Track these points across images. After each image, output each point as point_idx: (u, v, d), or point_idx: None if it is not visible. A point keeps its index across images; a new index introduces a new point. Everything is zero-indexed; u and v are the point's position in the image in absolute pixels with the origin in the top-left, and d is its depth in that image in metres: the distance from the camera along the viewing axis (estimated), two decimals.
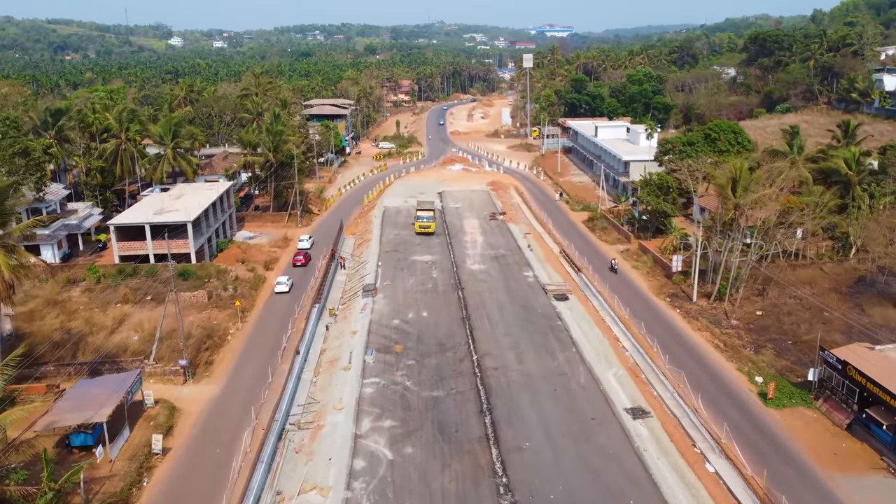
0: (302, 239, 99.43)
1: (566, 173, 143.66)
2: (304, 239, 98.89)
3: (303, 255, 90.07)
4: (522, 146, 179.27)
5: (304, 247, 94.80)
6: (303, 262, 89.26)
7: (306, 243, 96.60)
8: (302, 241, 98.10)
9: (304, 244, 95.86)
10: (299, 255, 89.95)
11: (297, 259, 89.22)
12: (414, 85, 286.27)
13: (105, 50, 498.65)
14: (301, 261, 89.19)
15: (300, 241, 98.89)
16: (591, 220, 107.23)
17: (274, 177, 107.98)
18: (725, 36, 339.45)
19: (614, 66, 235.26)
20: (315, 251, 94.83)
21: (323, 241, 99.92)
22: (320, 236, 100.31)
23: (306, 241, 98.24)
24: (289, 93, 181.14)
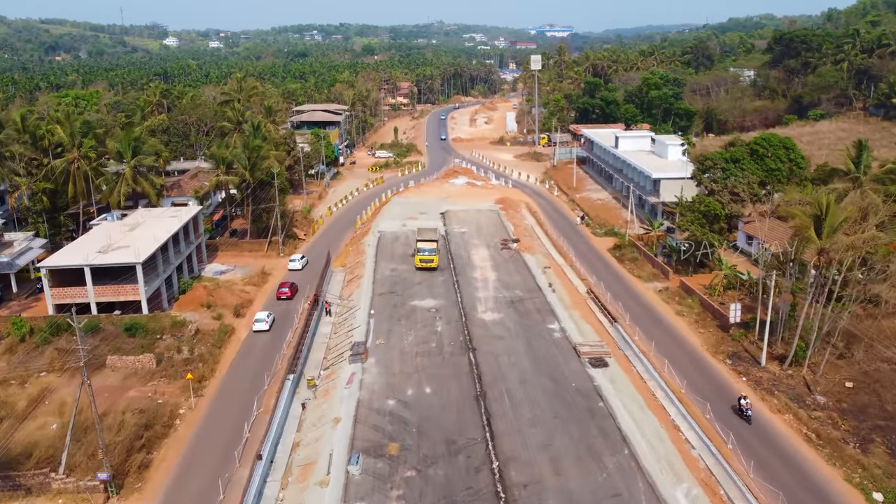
0: (293, 259, 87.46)
1: (582, 188, 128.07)
2: (296, 259, 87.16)
3: (288, 286, 77.43)
4: (531, 155, 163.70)
5: (294, 267, 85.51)
6: (288, 296, 76.46)
7: (297, 264, 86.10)
8: (293, 262, 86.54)
9: (294, 265, 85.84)
10: (284, 286, 77.38)
11: (282, 292, 76.68)
12: (413, 87, 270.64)
13: (97, 50, 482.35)
14: (286, 293, 76.55)
15: (291, 261, 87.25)
16: (617, 249, 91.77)
17: (252, 198, 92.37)
18: (736, 36, 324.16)
19: (626, 68, 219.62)
20: (306, 275, 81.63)
21: (314, 263, 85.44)
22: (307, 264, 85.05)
23: (298, 261, 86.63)
24: (277, 98, 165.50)
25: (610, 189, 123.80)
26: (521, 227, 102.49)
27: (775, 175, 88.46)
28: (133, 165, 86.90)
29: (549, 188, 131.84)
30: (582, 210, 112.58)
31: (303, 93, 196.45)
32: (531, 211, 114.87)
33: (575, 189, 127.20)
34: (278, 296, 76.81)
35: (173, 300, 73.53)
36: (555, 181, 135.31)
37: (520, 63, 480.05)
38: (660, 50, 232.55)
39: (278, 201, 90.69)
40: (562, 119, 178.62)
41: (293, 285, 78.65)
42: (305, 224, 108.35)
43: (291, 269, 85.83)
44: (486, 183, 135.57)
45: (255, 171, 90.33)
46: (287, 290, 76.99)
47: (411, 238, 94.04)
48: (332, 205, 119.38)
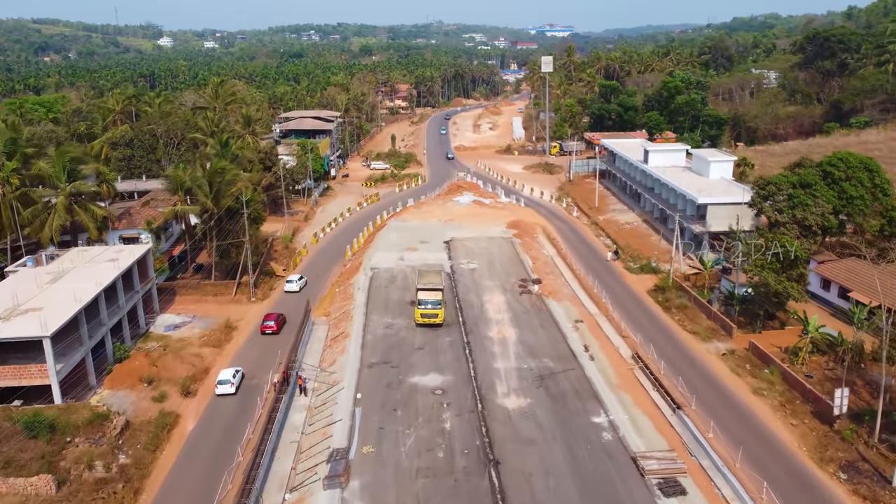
0: (290, 280, 78.24)
1: (605, 209, 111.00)
2: (294, 280, 78.13)
3: (274, 318, 67.28)
4: (542, 166, 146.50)
5: (291, 289, 76.82)
6: (274, 330, 66.40)
7: (295, 285, 77.37)
8: (290, 284, 77.58)
9: (291, 286, 77.11)
10: (270, 318, 67.38)
11: (267, 325, 66.63)
12: (412, 89, 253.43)
13: (87, 51, 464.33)
14: (272, 327, 66.47)
15: (288, 282, 78.04)
16: (660, 292, 74.81)
17: (217, 231, 75.25)
18: (750, 36, 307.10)
19: (639, 70, 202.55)
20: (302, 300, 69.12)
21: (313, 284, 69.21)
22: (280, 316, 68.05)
23: (295, 282, 77.86)
24: (262, 104, 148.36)
25: (637, 210, 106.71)
26: (540, 261, 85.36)
27: (856, 204, 71.46)
28: (69, 193, 69.78)
29: (566, 207, 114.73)
30: (612, 239, 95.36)
31: (292, 97, 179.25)
32: (549, 237, 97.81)
33: (597, 210, 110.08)
34: (263, 330, 66.09)
35: (105, 373, 56.43)
36: (573, 199, 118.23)
37: (522, 64, 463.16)
38: (675, 50, 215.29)
39: (249, 234, 73.52)
40: (575, 126, 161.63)
41: (280, 317, 67.92)
42: (286, 255, 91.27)
43: (288, 291, 76.93)
44: (495, 200, 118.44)
45: (221, 198, 73.22)
46: (273, 324, 66.15)
47: (410, 278, 77.06)
48: (319, 230, 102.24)
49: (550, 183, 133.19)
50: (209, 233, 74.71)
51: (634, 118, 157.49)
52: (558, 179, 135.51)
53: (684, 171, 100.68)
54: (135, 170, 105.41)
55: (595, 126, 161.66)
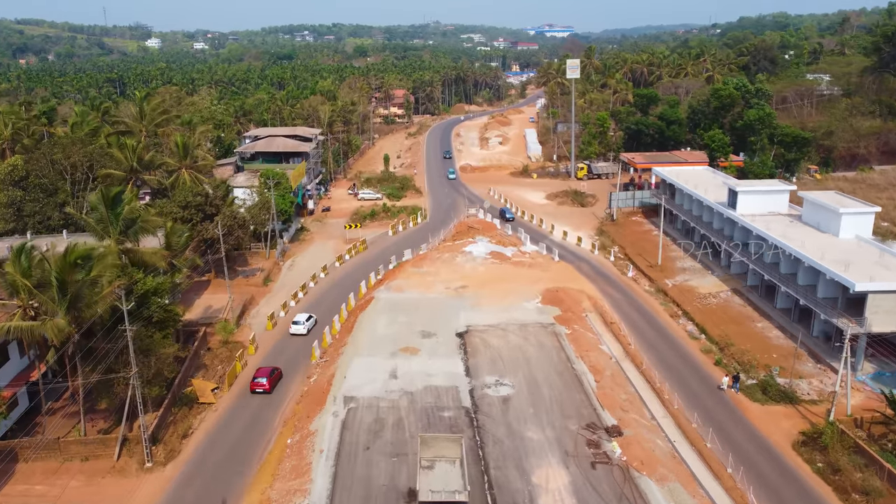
0: (297, 321, 65.50)
1: (671, 266, 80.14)
2: (301, 321, 65.41)
3: (267, 374, 54.99)
4: (569, 196, 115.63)
5: (298, 331, 64.46)
6: (266, 388, 54.25)
7: (302, 327, 64.76)
8: (297, 325, 65.08)
9: (298, 328, 64.74)
10: (261, 374, 54.98)
11: (258, 383, 54.29)
12: (409, 95, 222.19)
13: (66, 52, 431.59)
14: (263, 385, 54.27)
15: (294, 323, 65.40)
16: (818, 449, 44.43)
17: (86, 355, 44.39)
18: (776, 35, 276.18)
19: (671, 74, 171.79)
20: None
21: None
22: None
23: (303, 323, 65.15)
24: (224, 120, 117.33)
25: (719, 272, 75.95)
26: (605, 373, 54.65)
27: None
28: None
29: (615, 261, 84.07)
30: (697, 325, 64.58)
31: (268, 108, 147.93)
32: (604, 318, 67.19)
33: (661, 269, 79.32)
34: (252, 388, 54.62)
35: None
36: (621, 249, 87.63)
37: (525, 65, 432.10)
38: (710, 51, 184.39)
39: (137, 364, 42.71)
40: (605, 143, 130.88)
41: (275, 372, 56.35)
42: (225, 355, 60.60)
43: (295, 335, 64.46)
44: (518, 250, 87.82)
45: (86, 306, 42.39)
46: (265, 381, 54.56)
47: (406, 418, 46.78)
48: (279, 305, 71.35)
49: (584, 220, 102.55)
50: (75, 357, 43.81)
51: (679, 134, 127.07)
52: (594, 215, 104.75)
53: (792, 223, 70.07)
54: (28, 219, 74.36)
55: (630, 143, 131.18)
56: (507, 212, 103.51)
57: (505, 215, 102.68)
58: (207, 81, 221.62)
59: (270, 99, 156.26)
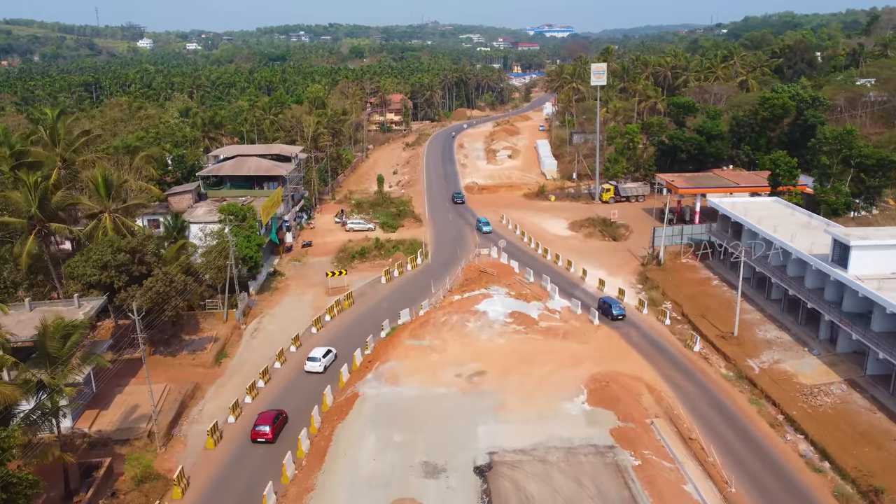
0: (314, 357, 56.45)
1: (751, 340, 60.04)
2: (318, 357, 56.44)
3: (271, 420, 46.46)
4: (597, 225, 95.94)
5: (314, 369, 56.07)
6: (268, 437, 45.73)
7: (318, 364, 56.09)
8: (313, 362, 56.18)
9: (314, 365, 56.12)
10: (264, 420, 46.54)
11: (260, 431, 45.93)
12: (407, 100, 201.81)
13: (52, 54, 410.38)
14: (265, 434, 45.81)
15: (310, 359, 56.39)
16: None
17: None
18: (796, 34, 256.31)
19: (698, 78, 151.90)
20: None
21: None
22: None
23: (320, 359, 56.29)
24: (185, 137, 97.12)
25: (818, 347, 56.17)
26: None
27: None
28: None
29: (670, 324, 64.33)
30: (812, 444, 44.80)
31: (247, 118, 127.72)
32: (681, 433, 47.29)
33: (739, 342, 59.43)
34: (253, 437, 45.99)
35: None
36: (677, 306, 67.82)
37: (526, 66, 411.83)
38: (739, 52, 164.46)
39: None
40: (635, 160, 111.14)
41: (280, 416, 47.42)
42: (152, 490, 40.88)
43: (310, 372, 55.70)
44: (544, 303, 68.28)
45: None
46: (268, 429, 45.73)
47: None
48: (229, 405, 51.19)
49: (620, 259, 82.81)
50: None
51: (721, 150, 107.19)
52: (630, 253, 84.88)
53: None
54: None
55: (662, 161, 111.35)
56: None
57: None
58: (189, 86, 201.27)
59: (251, 107, 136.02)
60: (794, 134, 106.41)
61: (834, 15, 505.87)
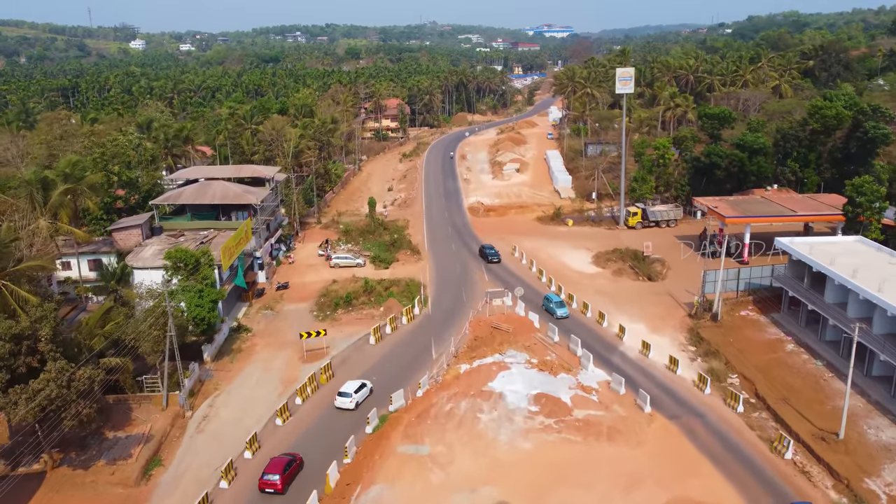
0: (345, 393, 49.51)
1: (861, 443, 44.21)
2: (349, 393, 49.44)
3: (281, 468, 40.84)
4: (626, 259, 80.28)
5: (344, 405, 49.13)
6: (277, 487, 40.23)
7: (349, 401, 49.19)
8: (343, 398, 49.26)
9: (344, 401, 49.15)
10: (274, 467, 41.02)
11: (269, 481, 40.32)
12: (404, 106, 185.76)
13: (39, 55, 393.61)
14: (274, 484, 40.24)
15: (341, 395, 49.55)
16: None
17: None
18: (815, 35, 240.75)
19: (724, 82, 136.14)
20: None
21: None
22: None
23: (352, 395, 49.36)
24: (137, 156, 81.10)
25: None
26: None
27: None
28: None
29: (743, 411, 48.56)
30: None
31: (226, 128, 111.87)
32: None
33: (846, 448, 43.71)
34: (261, 486, 40.43)
35: None
36: (747, 383, 52.08)
37: (528, 68, 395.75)
38: (767, 54, 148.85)
39: None
40: (665, 178, 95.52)
41: (293, 463, 41.74)
42: None
43: (340, 408, 48.49)
44: (576, 376, 52.78)
45: None
46: (277, 478, 40.18)
47: None
48: None
49: (661, 307, 67.16)
50: None
51: (765, 168, 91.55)
52: (672, 297, 69.20)
53: None
54: None
55: (696, 179, 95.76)
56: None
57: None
58: (170, 90, 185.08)
59: (230, 116, 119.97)
60: (849, 149, 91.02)
61: (840, 14, 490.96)
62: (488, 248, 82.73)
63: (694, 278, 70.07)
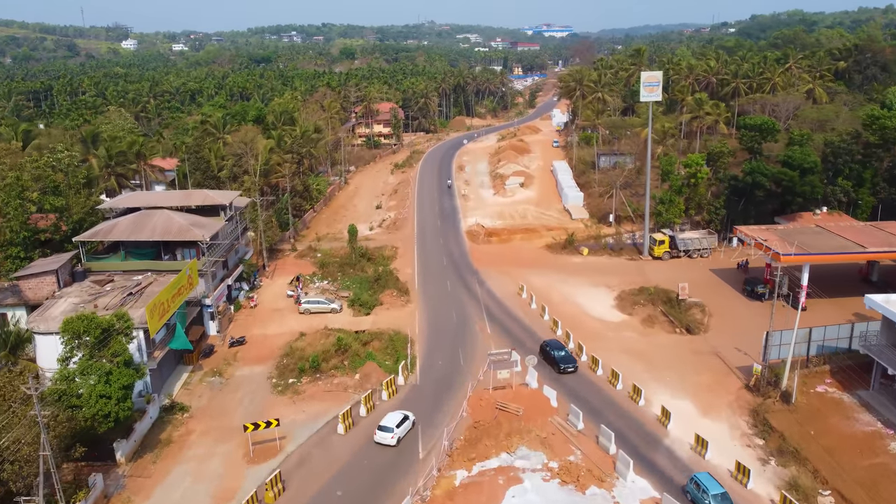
0: (386, 427, 44.22)
1: None
2: (390, 427, 44.09)
3: None
4: (657, 303, 65.76)
5: (384, 440, 44.12)
6: None
7: (390, 437, 43.76)
8: (384, 432, 44.08)
9: (384, 437, 43.97)
10: None
11: None
12: (398, 110, 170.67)
13: (24, 55, 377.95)
14: None
15: (382, 429, 44.30)
16: None
17: None
18: (833, 33, 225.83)
19: (750, 87, 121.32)
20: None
21: None
22: None
23: (393, 429, 43.94)
24: (68, 178, 66.49)
25: None
26: None
27: None
28: None
29: None
30: None
31: (192, 138, 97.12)
32: None
33: None
34: None
35: None
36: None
37: (528, 68, 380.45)
38: (796, 54, 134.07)
39: None
40: (696, 200, 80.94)
41: None
42: None
43: (380, 443, 43.36)
44: (611, 493, 38.19)
45: None
46: None
47: None
48: None
49: (708, 374, 52.61)
50: None
51: (816, 189, 76.84)
52: (720, 359, 54.65)
53: None
54: None
55: (733, 201, 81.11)
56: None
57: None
58: (146, 93, 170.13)
59: (201, 124, 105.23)
60: None
61: (846, 13, 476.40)
62: (556, 349, 54.95)
63: (743, 330, 55.76)
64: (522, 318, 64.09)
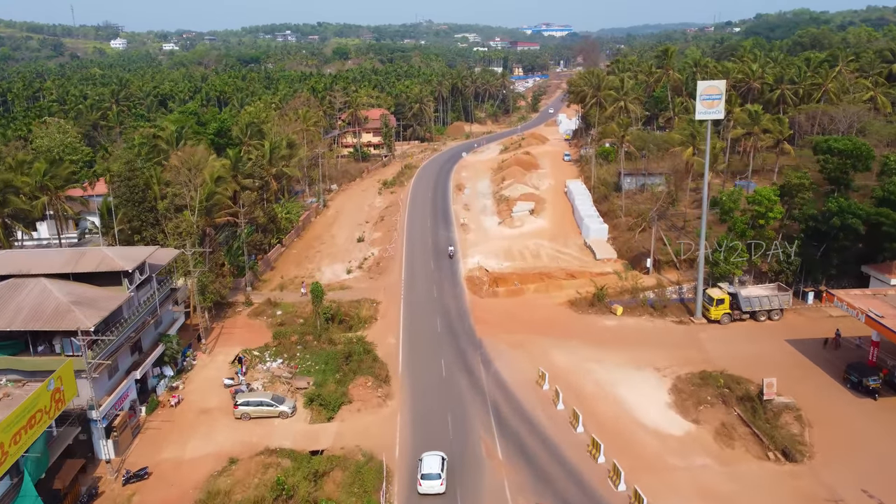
0: (428, 474, 38.07)
1: None
2: (435, 474, 38.07)
3: None
4: (730, 404, 46.64)
5: (432, 489, 38.25)
6: None
7: (438, 484, 37.91)
8: (429, 481, 37.79)
9: (433, 485, 37.97)
10: None
11: None
12: (389, 117, 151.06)
13: (3, 55, 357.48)
14: None
15: (425, 477, 38.06)
16: None
17: None
18: (860, 31, 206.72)
19: (797, 93, 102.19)
20: None
21: None
22: None
23: (441, 476, 37.98)
24: None
25: None
26: None
27: None
28: None
29: None
30: None
31: (138, 158, 77.96)
32: None
33: None
34: None
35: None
36: None
37: (528, 69, 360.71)
38: (847, 55, 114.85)
39: None
40: (765, 242, 61.77)
41: None
42: None
43: (428, 493, 37.37)
44: None
45: None
46: None
47: None
48: None
49: None
50: None
51: None
52: None
53: None
54: None
55: (809, 247, 62.03)
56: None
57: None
58: (109, 98, 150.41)
59: (150, 139, 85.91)
60: None
61: (855, 12, 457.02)
62: None
63: (864, 452, 37.43)
64: (546, 429, 45.00)
